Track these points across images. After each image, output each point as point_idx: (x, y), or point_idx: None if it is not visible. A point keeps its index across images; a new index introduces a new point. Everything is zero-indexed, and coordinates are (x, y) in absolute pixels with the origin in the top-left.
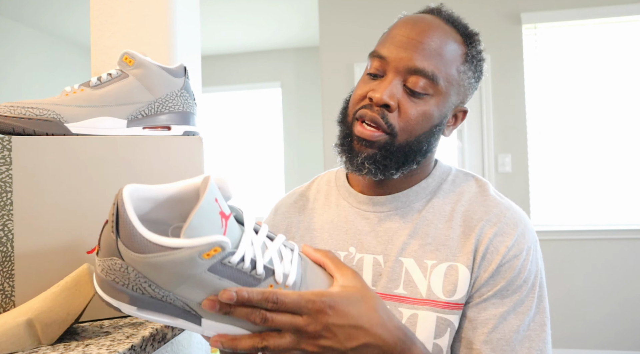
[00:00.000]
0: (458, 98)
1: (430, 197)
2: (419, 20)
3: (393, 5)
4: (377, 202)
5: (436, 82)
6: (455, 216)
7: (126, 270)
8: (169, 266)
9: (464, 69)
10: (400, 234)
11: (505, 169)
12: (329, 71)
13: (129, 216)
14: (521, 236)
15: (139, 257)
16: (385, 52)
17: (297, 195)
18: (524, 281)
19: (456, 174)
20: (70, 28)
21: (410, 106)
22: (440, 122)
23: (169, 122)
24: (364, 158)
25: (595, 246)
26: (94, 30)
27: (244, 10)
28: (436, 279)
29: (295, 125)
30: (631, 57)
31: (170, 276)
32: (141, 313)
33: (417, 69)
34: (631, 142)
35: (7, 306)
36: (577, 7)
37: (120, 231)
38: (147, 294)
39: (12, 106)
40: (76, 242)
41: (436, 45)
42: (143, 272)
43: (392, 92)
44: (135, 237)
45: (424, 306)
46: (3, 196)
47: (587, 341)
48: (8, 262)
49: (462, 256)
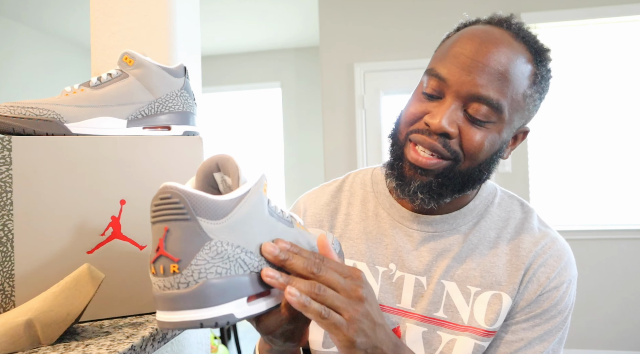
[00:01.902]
0: (521, 122)
1: (477, 220)
2: (486, 37)
3: (393, 6)
4: (423, 221)
5: (501, 111)
6: (501, 243)
7: (222, 247)
8: (250, 212)
9: (531, 93)
10: (444, 257)
11: (505, 169)
12: (329, 71)
13: (196, 193)
14: (564, 269)
15: (225, 220)
16: (445, 73)
17: (329, 196)
18: (559, 313)
19: (502, 197)
20: (70, 28)
21: (474, 133)
22: (501, 147)
23: (169, 122)
24: (417, 187)
25: (595, 246)
26: (94, 30)
27: (244, 10)
28: (479, 307)
29: (295, 125)
30: (631, 57)
31: (253, 227)
32: (251, 305)
33: (481, 97)
34: (631, 142)
35: (7, 306)
36: (577, 7)
37: (197, 209)
38: (247, 270)
39: (12, 106)
40: (76, 243)
41: (504, 69)
42: (234, 238)
43: (452, 119)
44: (214, 204)
45: (464, 332)
46: (3, 196)
47: (587, 341)
48: (8, 262)
49: (507, 285)
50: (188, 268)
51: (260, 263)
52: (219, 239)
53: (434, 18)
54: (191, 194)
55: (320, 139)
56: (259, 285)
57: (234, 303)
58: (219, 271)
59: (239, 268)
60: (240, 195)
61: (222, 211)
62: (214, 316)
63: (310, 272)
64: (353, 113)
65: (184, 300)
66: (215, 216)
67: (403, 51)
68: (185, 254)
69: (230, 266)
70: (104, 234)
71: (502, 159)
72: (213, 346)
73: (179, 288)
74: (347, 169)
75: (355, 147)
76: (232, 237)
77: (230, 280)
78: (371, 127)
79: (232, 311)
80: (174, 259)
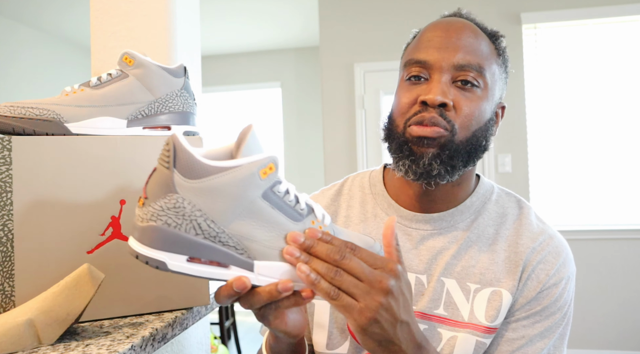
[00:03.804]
0: (498, 93)
1: (474, 217)
2: (450, 22)
3: (393, 6)
4: (421, 219)
5: (484, 74)
6: (500, 240)
7: (181, 204)
8: (229, 186)
9: (499, 65)
10: (444, 255)
11: (505, 169)
12: (329, 71)
13: (186, 146)
14: (562, 266)
15: (198, 182)
16: (425, 56)
17: (329, 199)
18: (558, 309)
19: (499, 194)
20: (70, 28)
21: (465, 102)
22: (491, 116)
23: (169, 122)
24: (430, 158)
25: (595, 246)
26: (94, 30)
27: (244, 10)
28: (479, 304)
29: (295, 125)
30: (631, 57)
31: (228, 202)
32: (190, 265)
33: (464, 65)
34: (631, 142)
35: (7, 306)
36: (577, 7)
37: (178, 162)
38: (201, 234)
39: (12, 106)
40: (76, 243)
41: (474, 42)
42: (199, 202)
43: (444, 90)
44: (195, 164)
45: (465, 329)
46: (3, 196)
47: (587, 341)
48: (8, 262)
49: (507, 282)
50: (148, 207)
51: (219, 234)
52: (183, 196)
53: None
54: (181, 147)
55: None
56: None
57: (170, 255)
58: (169, 222)
59: (191, 228)
60: (225, 166)
61: (197, 172)
62: (148, 256)
63: (333, 259)
64: (353, 113)
65: (137, 231)
66: (189, 175)
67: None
68: (152, 195)
69: (182, 223)
70: (104, 234)
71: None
72: (213, 346)
73: (138, 220)
74: (347, 169)
75: (355, 147)
76: (197, 200)
77: (175, 234)
78: (371, 127)
79: (165, 260)
80: (144, 195)
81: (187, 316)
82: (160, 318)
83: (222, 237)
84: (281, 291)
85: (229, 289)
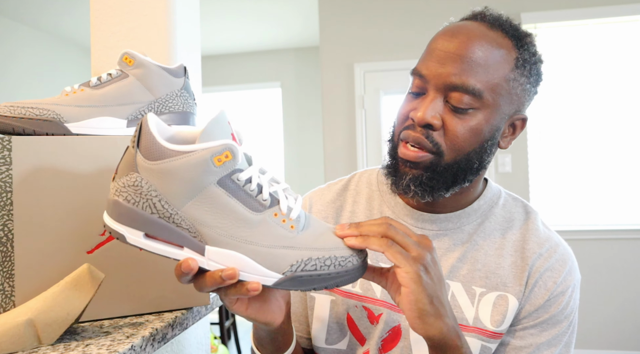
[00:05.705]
0: (511, 107)
1: (481, 220)
2: (458, 30)
3: (393, 6)
4: (426, 219)
5: (480, 96)
6: (506, 245)
7: (140, 183)
8: (182, 170)
9: (515, 76)
10: (449, 257)
11: (505, 169)
12: (329, 71)
13: (150, 128)
14: (569, 273)
15: (155, 164)
16: (424, 70)
17: (335, 193)
18: (565, 317)
19: (506, 199)
20: (70, 28)
21: (456, 123)
22: (492, 136)
23: (169, 122)
24: (409, 180)
25: (595, 246)
26: (94, 30)
27: (244, 10)
28: (485, 308)
29: (295, 125)
30: (631, 57)
31: (181, 185)
32: (147, 241)
33: (457, 85)
34: (631, 143)
35: (7, 306)
36: (577, 7)
37: (141, 142)
38: (156, 213)
39: (12, 106)
40: (76, 242)
41: (478, 57)
42: (155, 182)
43: (434, 110)
44: (154, 146)
45: (469, 333)
46: (3, 196)
47: (587, 341)
48: (8, 262)
49: (513, 287)
50: (114, 182)
51: (173, 216)
52: (142, 176)
53: (435, 18)
54: (147, 130)
55: (320, 139)
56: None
57: (129, 229)
58: (129, 198)
59: (147, 207)
60: (181, 150)
61: (155, 154)
62: (111, 227)
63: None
64: (353, 113)
65: (107, 203)
66: (149, 156)
67: (403, 51)
68: (119, 172)
69: (139, 201)
70: (104, 234)
71: (502, 149)
72: (213, 346)
73: (110, 194)
74: (347, 169)
75: (355, 147)
76: (154, 181)
77: (132, 210)
78: (371, 127)
79: (124, 233)
80: (115, 171)
81: (187, 316)
82: (160, 318)
83: (176, 219)
84: (225, 278)
85: (178, 270)
